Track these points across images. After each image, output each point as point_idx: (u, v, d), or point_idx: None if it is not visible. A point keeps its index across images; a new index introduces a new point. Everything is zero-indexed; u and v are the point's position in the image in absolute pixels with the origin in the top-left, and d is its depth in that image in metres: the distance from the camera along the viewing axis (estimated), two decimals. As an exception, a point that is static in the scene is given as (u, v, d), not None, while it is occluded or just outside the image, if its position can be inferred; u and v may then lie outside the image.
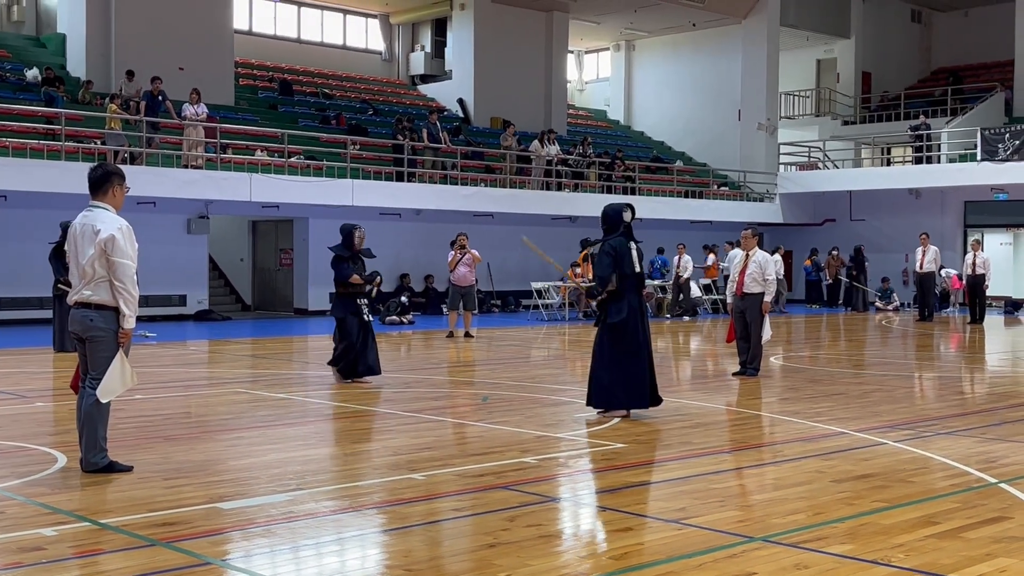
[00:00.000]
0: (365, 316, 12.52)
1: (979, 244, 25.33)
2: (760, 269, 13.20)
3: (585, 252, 25.46)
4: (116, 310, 7.04)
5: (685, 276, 26.27)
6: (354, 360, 12.36)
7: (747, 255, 13.35)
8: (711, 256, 28.53)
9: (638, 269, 9.96)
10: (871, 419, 9.84)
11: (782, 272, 27.57)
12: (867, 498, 6.59)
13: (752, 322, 13.19)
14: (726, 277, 27.96)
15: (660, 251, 29.12)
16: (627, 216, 10.08)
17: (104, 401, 7.03)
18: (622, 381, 9.72)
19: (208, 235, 24.66)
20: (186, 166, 22.22)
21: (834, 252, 31.13)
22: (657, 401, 9.95)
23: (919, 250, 25.19)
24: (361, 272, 12.59)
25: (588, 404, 9.97)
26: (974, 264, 24.38)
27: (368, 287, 12.64)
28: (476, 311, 21.20)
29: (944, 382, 13.84)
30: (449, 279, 19.66)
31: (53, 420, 9.85)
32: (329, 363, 12.61)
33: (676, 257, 26.41)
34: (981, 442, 8.71)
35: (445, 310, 22.04)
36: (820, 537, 5.68)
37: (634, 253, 9.95)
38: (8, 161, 19.75)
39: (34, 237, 19.83)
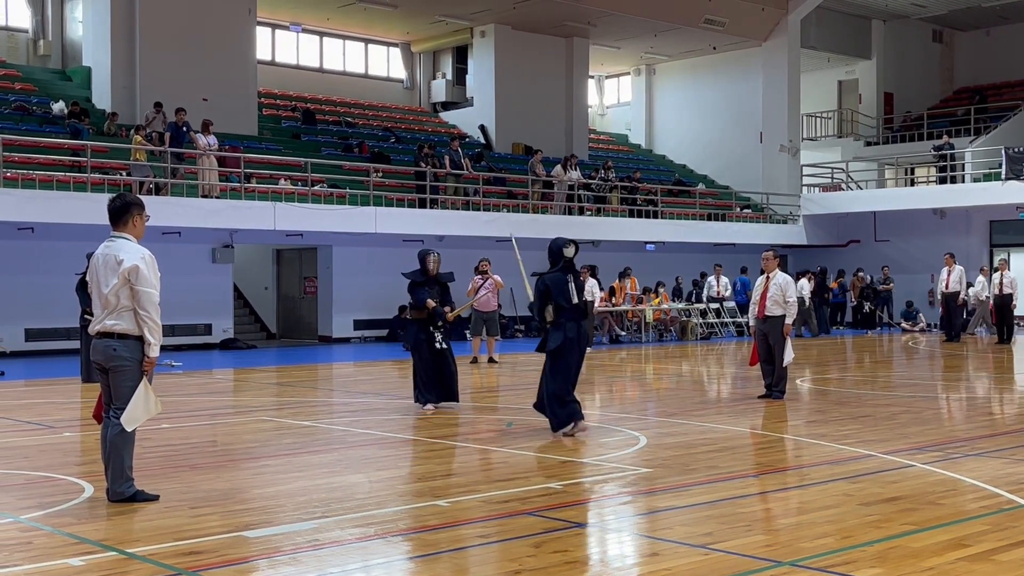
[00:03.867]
0: (438, 343, 12.52)
1: (1006, 264, 25.13)
2: (781, 291, 13.16)
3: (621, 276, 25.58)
4: (139, 339, 7.08)
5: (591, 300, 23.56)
6: (424, 385, 12.41)
7: (768, 277, 13.32)
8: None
9: (575, 300, 10.40)
10: (899, 441, 9.76)
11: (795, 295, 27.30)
12: (896, 521, 6.53)
13: (775, 345, 13.13)
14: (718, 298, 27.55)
15: (743, 271, 29.00)
16: (568, 252, 10.52)
17: (128, 430, 7.05)
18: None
19: (233, 264, 24.80)
20: (203, 195, 22.35)
21: (859, 273, 31.00)
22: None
23: (944, 270, 25.03)
24: (436, 296, 12.69)
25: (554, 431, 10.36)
26: (1001, 284, 24.18)
27: (438, 320, 12.56)
28: (499, 336, 21.18)
29: (972, 403, 13.72)
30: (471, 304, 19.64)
31: (80, 450, 9.89)
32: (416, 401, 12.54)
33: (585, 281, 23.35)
34: (1011, 463, 8.62)
35: (468, 335, 22.04)
36: (849, 561, 5.62)
37: (571, 286, 10.40)
38: (35, 193, 19.95)
39: (61, 268, 20.00)
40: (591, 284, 23.09)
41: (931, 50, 39.70)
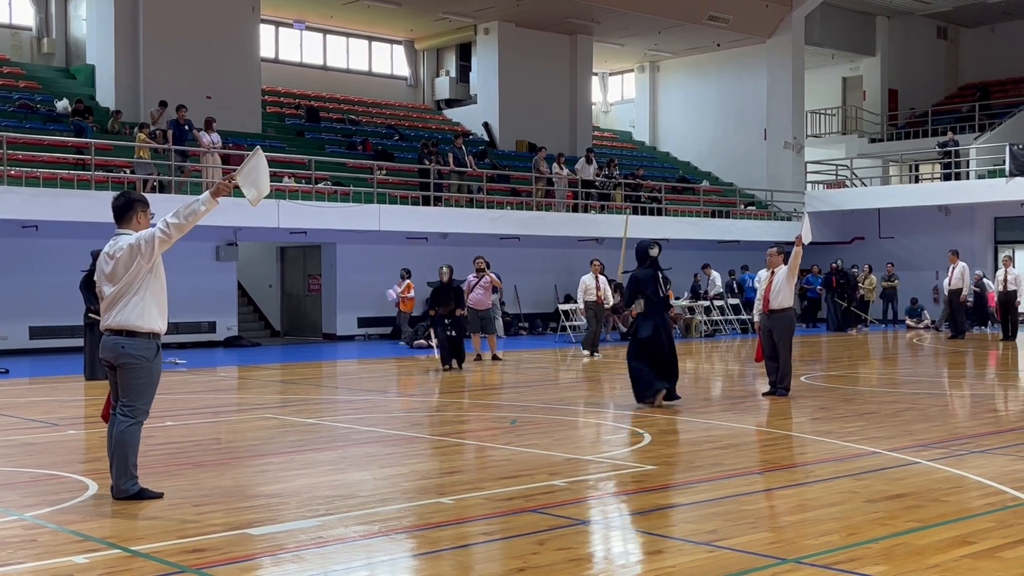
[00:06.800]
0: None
1: (1011, 260, 25.10)
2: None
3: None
4: (147, 336, 7.07)
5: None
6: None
7: (773, 273, 13.36)
8: (407, 282, 24.83)
9: (662, 294, 12.26)
10: (904, 438, 9.75)
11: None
12: (901, 518, 6.52)
13: (780, 341, 13.13)
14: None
15: (745, 268, 29.09)
16: (653, 252, 12.43)
17: (253, 203, 7.21)
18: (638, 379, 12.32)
19: (237, 262, 24.79)
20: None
21: (866, 268, 30.92)
22: (674, 396, 12.27)
23: (951, 268, 25.00)
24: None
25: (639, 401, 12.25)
26: (1005, 280, 24.15)
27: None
28: (501, 334, 21.13)
29: (977, 400, 13.70)
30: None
31: (84, 448, 9.90)
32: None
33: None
34: (1016, 460, 8.60)
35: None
36: (854, 558, 5.61)
37: (660, 282, 12.23)
38: (39, 191, 19.95)
39: (65, 266, 20.00)
40: (603, 282, 21.04)
41: (936, 46, 39.60)
